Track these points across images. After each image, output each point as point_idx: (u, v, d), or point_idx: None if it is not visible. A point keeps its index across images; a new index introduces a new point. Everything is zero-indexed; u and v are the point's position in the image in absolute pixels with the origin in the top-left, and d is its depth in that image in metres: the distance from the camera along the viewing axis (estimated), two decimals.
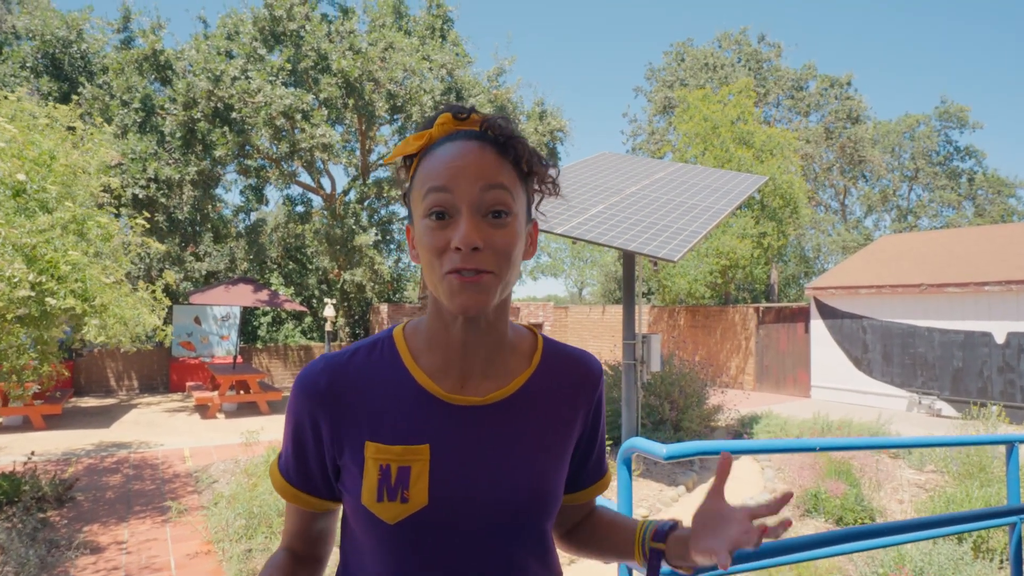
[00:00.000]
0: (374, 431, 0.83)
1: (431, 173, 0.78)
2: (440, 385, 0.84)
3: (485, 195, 0.77)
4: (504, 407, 0.86)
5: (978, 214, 28.20)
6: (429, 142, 0.83)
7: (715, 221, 6.71)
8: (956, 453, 6.51)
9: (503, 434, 0.85)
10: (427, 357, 0.86)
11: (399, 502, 0.80)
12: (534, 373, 0.89)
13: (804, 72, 27.56)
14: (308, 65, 11.66)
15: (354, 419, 0.84)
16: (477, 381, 0.86)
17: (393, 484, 0.80)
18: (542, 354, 0.92)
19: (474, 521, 0.82)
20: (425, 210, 0.78)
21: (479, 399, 0.84)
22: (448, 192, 0.77)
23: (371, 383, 0.85)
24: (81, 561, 4.26)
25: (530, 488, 0.84)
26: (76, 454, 7.44)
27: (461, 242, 0.75)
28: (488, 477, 0.83)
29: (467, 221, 0.76)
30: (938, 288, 11.37)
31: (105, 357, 12.70)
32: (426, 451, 0.81)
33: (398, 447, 0.81)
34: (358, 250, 12.06)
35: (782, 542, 1.57)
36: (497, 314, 0.85)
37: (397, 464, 0.81)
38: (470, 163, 0.77)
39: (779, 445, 1.89)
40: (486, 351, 0.85)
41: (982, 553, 4.43)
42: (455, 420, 0.83)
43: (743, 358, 14.85)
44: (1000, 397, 10.61)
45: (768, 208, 16.26)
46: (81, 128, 6.18)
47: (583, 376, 0.94)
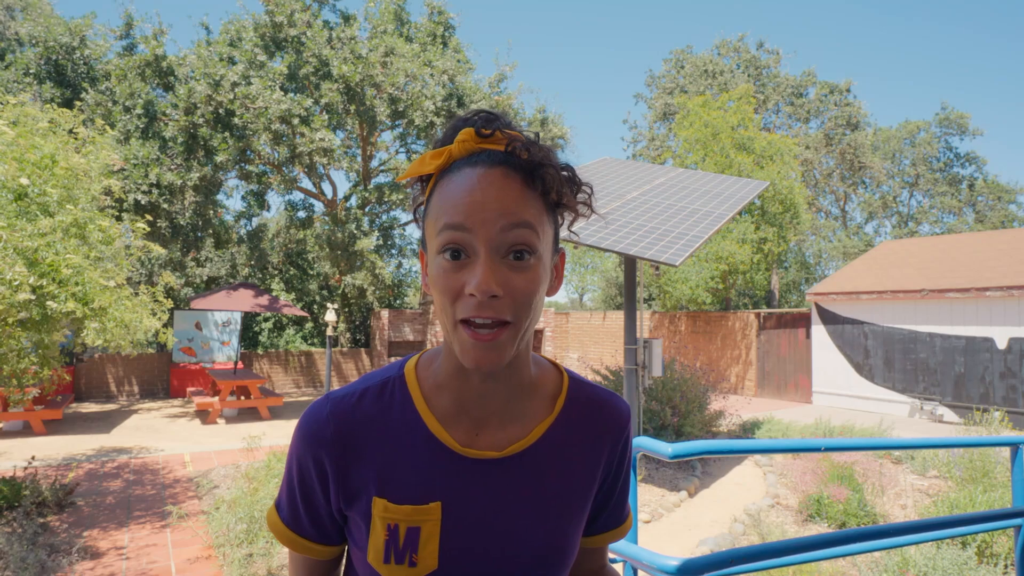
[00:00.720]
0: (382, 487, 0.77)
1: (447, 205, 0.70)
2: (453, 434, 0.78)
3: (507, 235, 0.69)
4: (522, 460, 0.79)
5: (979, 220, 28.22)
6: (448, 160, 0.74)
7: (716, 226, 6.71)
8: (959, 458, 6.48)
9: (520, 490, 0.78)
10: (440, 399, 0.79)
11: (407, 566, 0.75)
12: (556, 420, 0.82)
13: (804, 79, 27.65)
14: (309, 71, 11.71)
15: (362, 471, 0.77)
16: (494, 429, 0.79)
17: (401, 547, 0.75)
18: (566, 398, 0.84)
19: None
20: (439, 246, 0.70)
21: (495, 453, 0.78)
22: (465, 231, 0.68)
23: (380, 431, 0.78)
24: (80, 566, 4.25)
25: (546, 546, 0.79)
26: (76, 459, 7.42)
27: (477, 289, 0.67)
28: (502, 537, 0.77)
29: (485, 265, 0.68)
30: (939, 294, 11.36)
31: (106, 362, 12.69)
32: (437, 510, 0.76)
33: (407, 507, 0.76)
34: (359, 255, 12.07)
35: (786, 543, 1.56)
36: (517, 359, 0.78)
37: (406, 524, 0.75)
38: (491, 198, 0.69)
39: (784, 445, 1.88)
40: (504, 396, 0.79)
41: (986, 558, 4.40)
42: (468, 475, 0.77)
43: (744, 364, 14.83)
44: (1002, 403, 10.58)
45: (769, 214, 16.28)
46: (83, 132, 6.20)
47: (610, 423, 0.86)
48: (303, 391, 14.67)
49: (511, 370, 0.77)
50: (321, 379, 15.19)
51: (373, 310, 16.14)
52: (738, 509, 5.77)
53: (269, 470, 5.70)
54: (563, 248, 0.81)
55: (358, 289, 12.94)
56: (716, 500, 6.14)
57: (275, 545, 4.46)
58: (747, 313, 14.90)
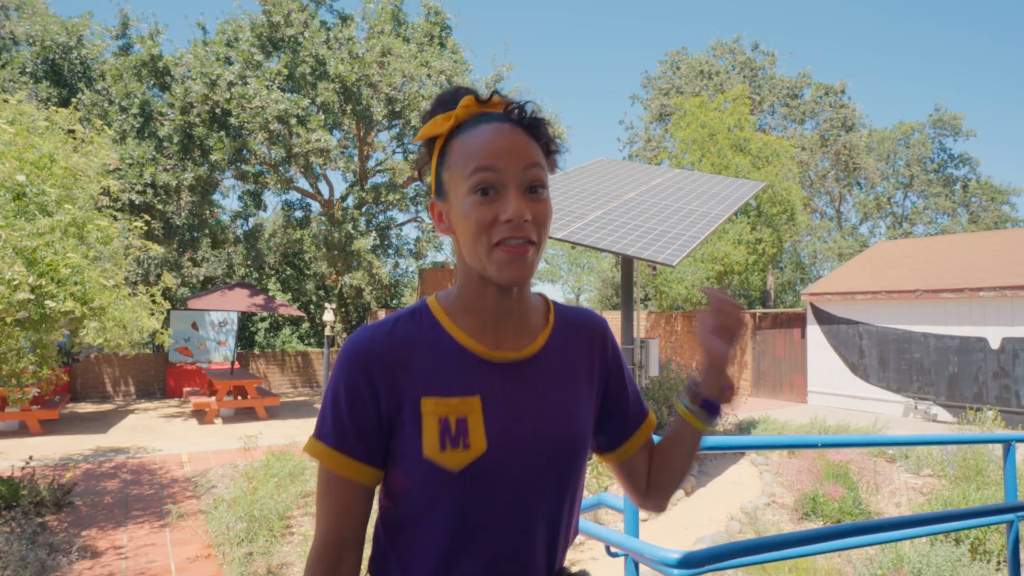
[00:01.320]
0: (429, 387, 0.88)
1: (475, 152, 0.85)
2: (480, 344, 0.91)
3: (527, 173, 0.85)
4: (535, 361, 0.94)
5: (972, 221, 28.40)
6: (456, 123, 0.89)
7: (713, 226, 6.76)
8: (953, 456, 6.54)
9: (538, 383, 0.93)
10: (463, 321, 0.92)
11: (462, 449, 0.85)
12: (553, 330, 0.98)
13: (799, 80, 27.77)
14: (306, 71, 11.71)
15: (408, 378, 0.88)
16: (509, 340, 0.93)
17: (454, 434, 0.86)
18: (555, 315, 1.00)
19: (526, 461, 0.89)
20: (471, 187, 0.84)
21: (515, 354, 0.92)
22: (496, 171, 0.84)
23: (418, 345, 0.90)
24: (79, 566, 4.25)
25: (567, 427, 0.93)
26: (73, 459, 7.41)
27: (514, 215, 0.82)
28: (532, 421, 0.90)
29: (517, 197, 0.84)
30: (933, 294, 11.44)
31: (102, 362, 12.66)
32: (478, 402, 0.88)
33: (455, 399, 0.87)
34: (356, 255, 12.07)
35: (783, 536, 1.59)
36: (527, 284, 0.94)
37: (455, 415, 0.86)
38: (512, 144, 0.85)
39: (781, 441, 1.91)
40: (515, 315, 0.93)
41: (979, 555, 4.45)
42: (497, 374, 0.91)
43: (740, 364, 14.89)
44: (995, 402, 10.66)
45: (765, 215, 16.35)
46: (81, 132, 6.19)
47: (591, 328, 1.03)
48: (299, 391, 14.66)
49: (521, 294, 0.93)
50: (318, 379, 15.18)
51: (370, 310, 16.14)
52: (734, 507, 5.81)
53: (268, 469, 5.71)
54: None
55: (355, 289, 12.94)
56: (712, 499, 6.18)
57: (275, 544, 4.48)
58: (743, 313, 14.96)
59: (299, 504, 5.41)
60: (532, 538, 0.90)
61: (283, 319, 17.70)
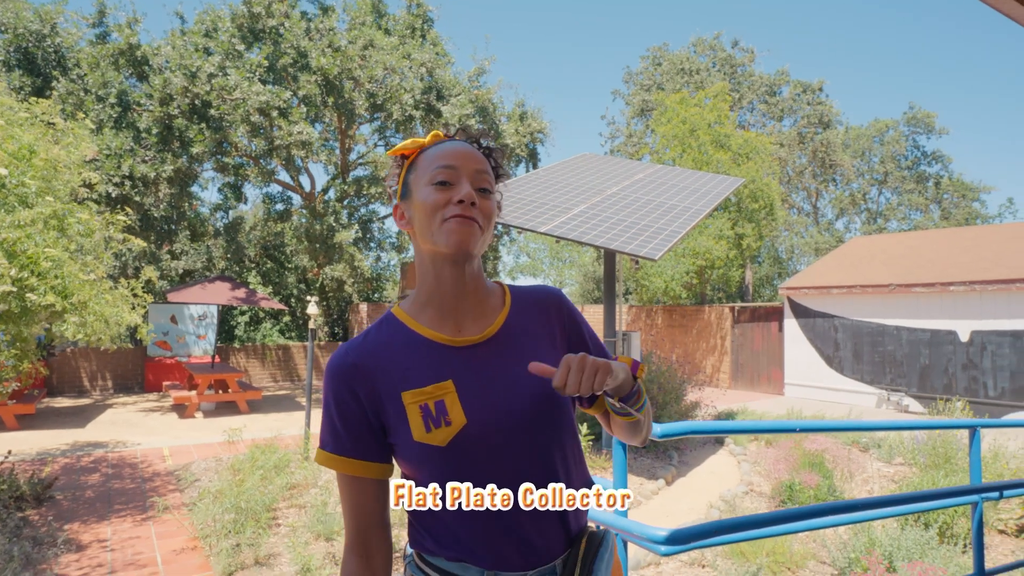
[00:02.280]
0: (405, 382, 1.00)
1: (439, 156, 1.04)
2: (442, 333, 1.04)
3: (478, 176, 1.03)
4: (496, 340, 1.06)
5: (944, 217, 29.07)
6: (423, 147, 1.09)
7: (694, 221, 6.87)
8: (923, 446, 6.75)
9: (504, 358, 1.04)
10: (425, 317, 1.06)
11: (444, 427, 0.97)
12: (510, 310, 1.10)
13: (777, 77, 28.12)
14: (287, 62, 11.60)
15: (384, 380, 1.01)
16: (470, 325, 1.05)
17: (435, 415, 0.98)
18: (511, 296, 1.13)
19: (504, 429, 0.99)
20: (431, 180, 1.02)
21: (476, 337, 1.05)
22: (454, 169, 1.02)
23: (389, 350, 1.03)
24: (64, 559, 4.24)
25: (538, 395, 1.02)
26: (51, 454, 7.32)
27: (465, 196, 0.99)
28: (503, 392, 1.01)
29: (469, 185, 1.01)
30: (906, 288, 11.74)
31: (78, 357, 12.47)
32: (451, 385, 1.00)
33: (429, 387, 1.00)
34: (338, 247, 12.02)
35: (764, 515, 1.68)
36: (477, 270, 1.07)
37: (433, 400, 0.99)
38: (468, 153, 1.05)
39: (762, 426, 2.01)
40: (472, 298, 1.06)
41: (947, 538, 4.63)
42: (464, 357, 1.03)
43: (719, 356, 15.13)
44: (964, 393, 10.99)
45: (745, 210, 16.58)
46: (61, 123, 6.10)
47: (544, 299, 1.15)
48: (280, 385, 14.58)
49: (474, 277, 1.06)
50: (299, 373, 15.11)
51: (351, 303, 16.07)
52: (714, 496, 5.96)
53: (253, 462, 5.71)
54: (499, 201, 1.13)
55: (337, 282, 12.89)
56: (692, 488, 6.32)
57: (262, 535, 4.50)
58: (722, 307, 15.20)
59: (284, 496, 5.43)
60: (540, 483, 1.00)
61: (264, 312, 17.55)
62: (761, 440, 7.81)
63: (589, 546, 1.04)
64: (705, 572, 4.22)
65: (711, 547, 4.41)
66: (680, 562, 4.37)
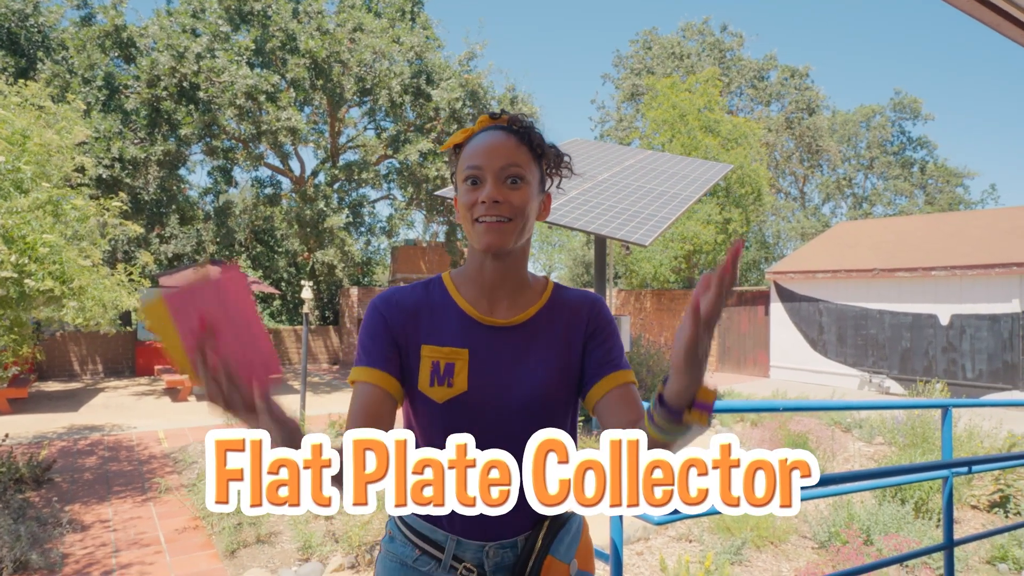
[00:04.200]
0: (427, 336, 1.11)
1: (470, 153, 1.10)
2: (476, 309, 1.13)
3: (505, 169, 1.07)
4: (521, 328, 1.13)
5: (928, 202, 29.44)
6: (471, 135, 1.14)
7: (684, 207, 7.00)
8: (902, 426, 6.98)
9: (520, 346, 1.12)
10: (466, 290, 1.15)
11: (446, 387, 1.08)
12: (544, 306, 1.17)
13: (765, 62, 28.20)
14: (275, 45, 11.50)
15: (414, 327, 1.12)
16: (503, 309, 1.14)
17: (442, 374, 1.08)
18: (551, 293, 1.20)
19: (499, 405, 1.08)
20: (463, 179, 1.09)
21: (504, 321, 1.13)
22: (479, 168, 1.07)
23: (427, 305, 1.14)
24: (68, 539, 4.33)
25: (538, 386, 1.10)
26: (47, 437, 7.38)
27: (487, 196, 1.05)
28: (509, 375, 1.10)
29: (492, 184, 1.06)
30: (889, 273, 11.99)
31: (68, 341, 12.44)
32: (466, 354, 1.09)
33: (446, 348, 1.10)
34: (329, 232, 12.03)
35: None
36: (517, 259, 1.14)
37: (445, 361, 1.09)
38: (497, 146, 1.08)
39: (749, 405, 2.14)
40: (510, 286, 1.14)
41: (922, 513, 4.85)
42: (486, 334, 1.12)
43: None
44: (944, 375, 11.30)
45: (733, 195, 16.74)
46: (52, 107, 6.07)
47: (583, 305, 1.19)
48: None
49: (513, 267, 1.13)
50: (290, 356, 15.17)
51: (342, 288, 16.10)
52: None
53: None
54: (548, 192, 1.20)
55: (328, 266, 12.92)
56: None
57: (265, 515, 4.62)
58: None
59: None
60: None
61: (254, 296, 17.54)
62: (747, 421, 8.02)
63: (552, 526, 1.10)
64: (692, 546, 4.40)
65: (698, 522, 4.59)
66: (668, 537, 4.55)
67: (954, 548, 2.54)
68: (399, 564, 1.12)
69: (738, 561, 4.15)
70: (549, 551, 1.09)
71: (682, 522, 4.64)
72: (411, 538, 1.12)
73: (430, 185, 12.46)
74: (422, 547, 1.11)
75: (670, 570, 3.74)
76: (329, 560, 4.05)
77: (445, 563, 1.09)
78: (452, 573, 1.09)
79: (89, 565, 3.94)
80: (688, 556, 3.86)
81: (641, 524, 4.49)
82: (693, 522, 4.61)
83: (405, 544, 1.13)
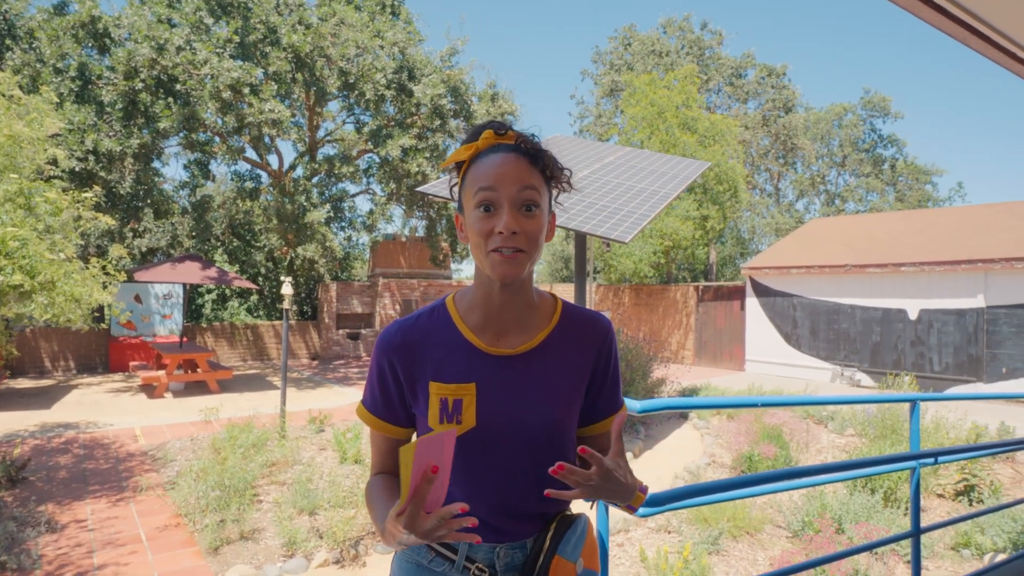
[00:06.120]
0: (436, 374, 1.11)
1: (481, 176, 1.05)
2: (482, 339, 1.11)
3: (521, 194, 1.04)
4: (530, 356, 1.12)
5: (899, 199, 30.13)
6: (476, 152, 1.10)
7: (663, 204, 7.09)
8: (873, 418, 7.19)
9: (529, 376, 1.11)
10: (472, 317, 1.13)
11: (455, 423, 1.08)
12: (554, 330, 1.15)
13: (743, 60, 28.53)
14: (257, 38, 11.34)
15: (421, 365, 1.12)
16: (510, 337, 1.12)
17: (450, 411, 1.09)
18: (560, 314, 1.18)
19: (509, 439, 1.09)
20: (476, 204, 1.05)
21: (511, 351, 1.11)
22: (494, 191, 1.03)
23: (432, 339, 1.13)
24: (43, 539, 4.27)
25: (549, 417, 1.11)
26: (20, 435, 7.23)
27: (504, 227, 1.01)
28: (519, 407, 1.10)
29: (508, 213, 1.03)
30: (860, 268, 12.27)
31: (39, 337, 12.17)
32: (473, 388, 1.09)
33: (453, 385, 1.09)
34: (309, 227, 11.93)
35: (728, 480, 1.89)
36: (525, 283, 1.12)
37: (453, 397, 1.09)
38: (510, 170, 1.04)
39: (728, 401, 2.21)
40: (517, 311, 1.12)
41: (891, 502, 5.01)
42: (494, 366, 1.10)
43: (684, 334, 15.59)
44: (912, 368, 11.62)
45: (711, 192, 16.96)
46: (22, 97, 5.94)
47: (595, 331, 1.19)
48: (250, 364, 14.48)
49: (520, 293, 1.11)
50: (268, 352, 15.03)
51: (322, 282, 15.98)
52: (679, 467, 6.27)
53: (232, 441, 5.78)
54: (554, 210, 1.16)
55: (308, 261, 12.80)
56: (658, 460, 6.63)
57: (246, 511, 4.61)
58: (687, 286, 15.62)
59: (264, 474, 5.53)
60: (523, 493, 1.12)
61: (231, 291, 17.31)
62: (723, 414, 8.18)
63: (559, 527, 1.14)
64: (671, 537, 4.50)
65: (676, 514, 4.69)
66: (648, 528, 4.65)
67: (921, 535, 2.66)
68: (415, 565, 1.16)
69: (715, 551, 4.26)
70: (556, 551, 1.12)
71: (661, 514, 4.74)
72: None
73: (411, 180, 12.41)
74: (436, 549, 1.14)
75: (650, 561, 3.83)
76: (313, 556, 4.07)
77: (458, 564, 1.12)
78: (465, 573, 1.12)
79: (64, 566, 3.90)
80: (667, 547, 3.96)
81: (621, 516, 4.58)
82: (672, 514, 4.71)
83: (419, 546, 1.15)
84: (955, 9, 1.56)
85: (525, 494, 1.12)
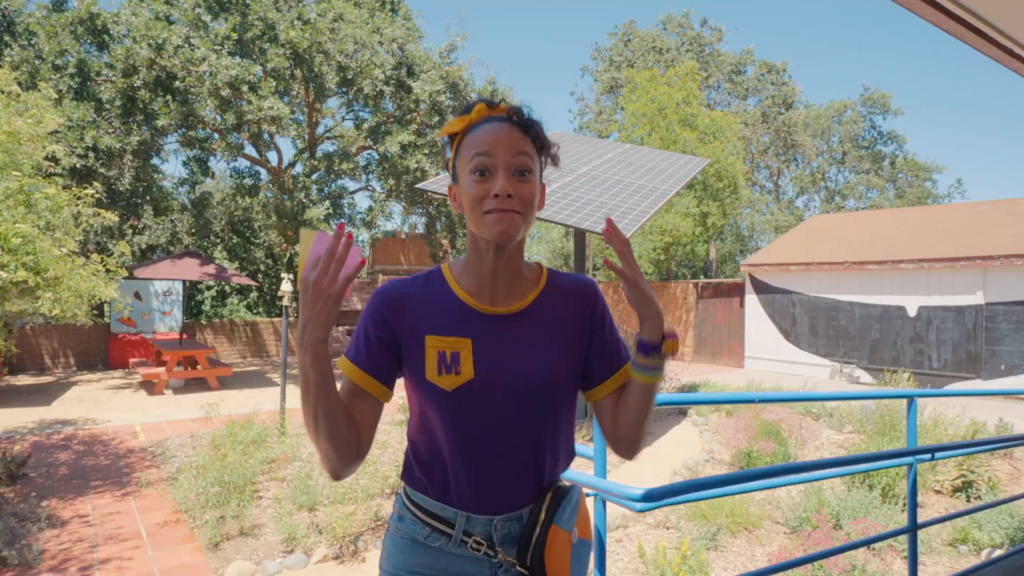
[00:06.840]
0: (432, 328, 1.13)
1: (476, 143, 1.09)
2: (476, 300, 1.15)
3: (515, 159, 1.08)
4: (522, 315, 1.17)
5: (899, 196, 30.13)
6: (469, 124, 1.14)
7: (662, 202, 7.10)
8: (871, 415, 7.21)
9: (522, 333, 1.15)
10: (466, 282, 1.16)
11: (454, 375, 1.10)
12: (542, 291, 1.20)
13: (743, 57, 28.49)
14: (255, 35, 11.32)
15: (416, 320, 1.14)
16: (502, 298, 1.16)
17: (448, 363, 1.11)
18: (547, 279, 1.22)
19: (505, 390, 1.12)
20: (471, 169, 1.08)
21: (504, 309, 1.16)
22: (490, 156, 1.07)
23: (428, 298, 1.16)
24: (45, 535, 4.29)
25: (543, 369, 1.14)
26: (19, 432, 7.25)
27: (500, 190, 1.05)
28: (513, 361, 1.13)
29: (503, 176, 1.06)
30: (859, 265, 12.28)
31: (38, 334, 12.18)
32: (469, 343, 1.12)
33: (451, 338, 1.12)
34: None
35: (726, 476, 1.90)
36: (516, 250, 1.16)
37: (450, 350, 1.12)
38: (504, 137, 1.08)
39: (727, 397, 2.22)
40: (508, 276, 1.16)
41: (888, 498, 5.03)
42: (488, 323, 1.14)
43: (683, 331, 15.60)
44: (911, 365, 11.64)
45: (711, 189, 16.96)
46: (21, 94, 5.93)
47: (579, 288, 1.23)
48: (250, 361, 14.50)
49: (512, 258, 1.15)
50: (268, 349, 15.04)
51: None
52: (677, 464, 6.29)
53: (232, 437, 5.79)
54: (544, 182, 1.19)
55: None
56: (658, 456, 6.65)
57: (246, 507, 4.62)
58: (687, 283, 15.63)
59: (264, 470, 5.55)
60: (517, 452, 1.13)
61: (230, 288, 17.32)
62: (722, 411, 8.20)
63: (554, 497, 1.16)
64: (670, 533, 4.52)
65: (675, 509, 4.71)
66: (647, 524, 4.67)
67: (918, 531, 2.67)
68: (410, 541, 1.16)
69: (713, 547, 4.27)
70: (553, 520, 1.14)
71: (659, 510, 4.76)
72: (421, 516, 1.16)
73: (410, 177, 12.41)
74: (432, 524, 1.14)
75: (648, 556, 3.85)
76: (313, 552, 4.09)
77: (456, 538, 1.13)
78: (463, 547, 1.13)
79: (66, 561, 3.92)
80: (665, 542, 3.98)
81: (620, 512, 4.60)
82: (670, 509, 4.73)
83: (415, 523, 1.16)
84: (953, 6, 1.56)
85: (521, 454, 1.13)
